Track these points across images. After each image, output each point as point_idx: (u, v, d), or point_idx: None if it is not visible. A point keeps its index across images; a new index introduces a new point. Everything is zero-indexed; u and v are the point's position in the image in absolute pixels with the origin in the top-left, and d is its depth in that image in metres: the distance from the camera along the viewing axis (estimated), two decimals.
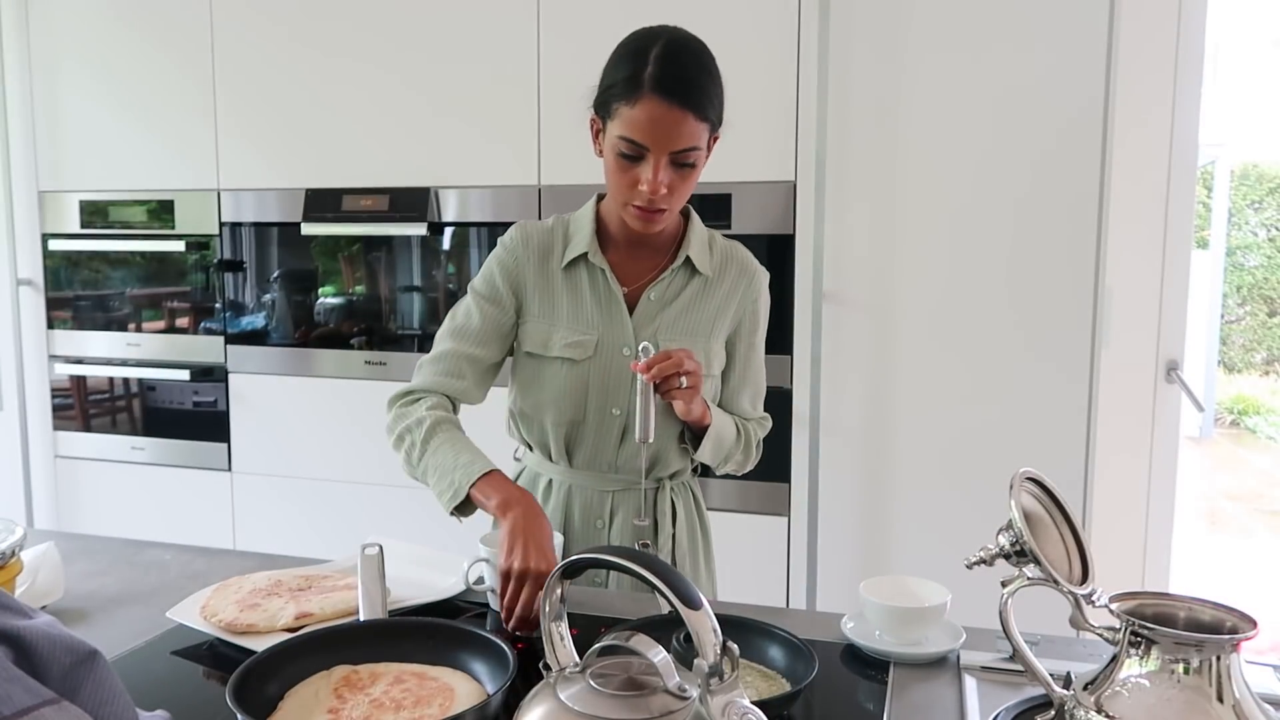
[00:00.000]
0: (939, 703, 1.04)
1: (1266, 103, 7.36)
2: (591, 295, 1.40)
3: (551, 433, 1.42)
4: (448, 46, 2.57)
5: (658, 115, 1.23)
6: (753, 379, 1.51)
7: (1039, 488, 0.99)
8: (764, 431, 1.54)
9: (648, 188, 1.27)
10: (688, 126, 1.24)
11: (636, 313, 1.40)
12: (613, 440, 1.41)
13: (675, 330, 1.40)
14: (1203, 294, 6.94)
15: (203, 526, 2.91)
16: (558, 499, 1.46)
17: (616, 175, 1.30)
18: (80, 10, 2.89)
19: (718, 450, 1.44)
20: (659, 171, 1.25)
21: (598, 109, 1.32)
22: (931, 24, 2.25)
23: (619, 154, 1.28)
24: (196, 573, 1.43)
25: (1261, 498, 5.98)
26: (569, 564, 0.78)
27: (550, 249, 1.42)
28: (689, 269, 1.42)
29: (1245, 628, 0.83)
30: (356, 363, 2.75)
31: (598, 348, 1.39)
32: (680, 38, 1.28)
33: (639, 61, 1.24)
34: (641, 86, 1.23)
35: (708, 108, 1.26)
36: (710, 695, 0.69)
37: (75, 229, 2.97)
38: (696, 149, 1.27)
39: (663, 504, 1.45)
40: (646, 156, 1.26)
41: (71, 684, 0.66)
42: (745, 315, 1.46)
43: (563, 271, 1.41)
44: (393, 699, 0.98)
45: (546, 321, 1.41)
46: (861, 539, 2.40)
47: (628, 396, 1.38)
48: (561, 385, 1.39)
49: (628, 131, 1.25)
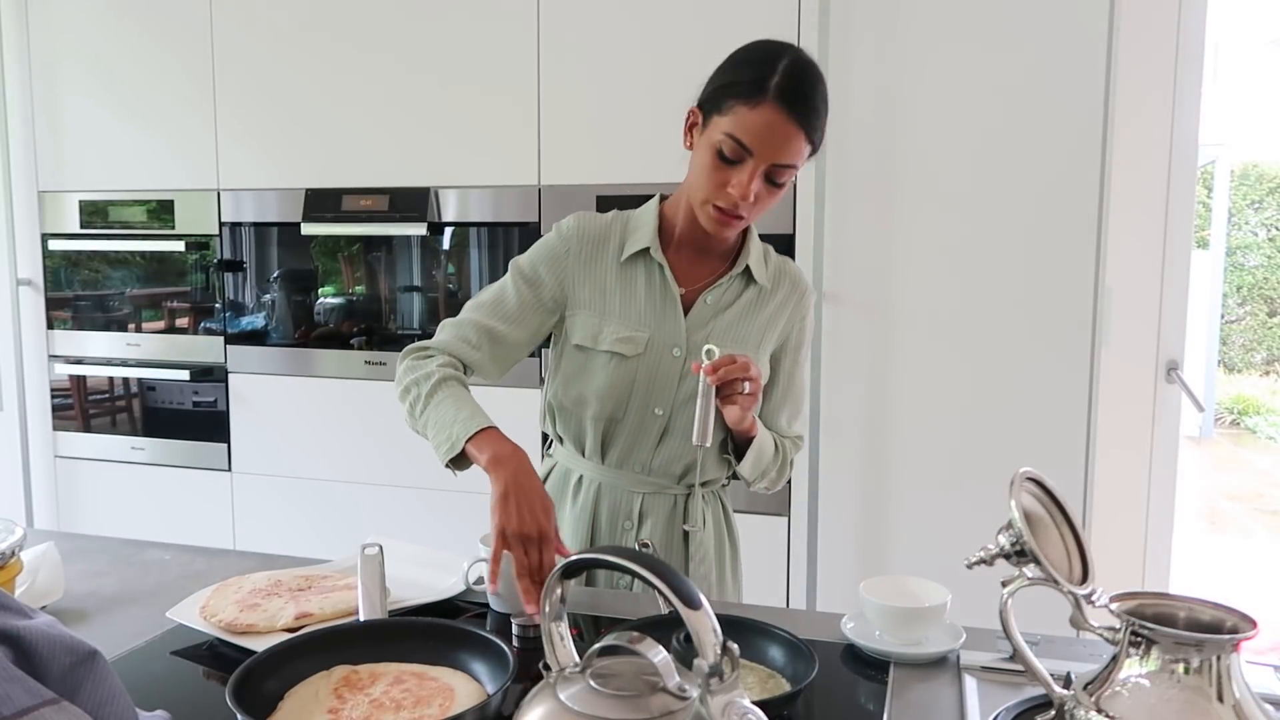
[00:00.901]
0: (939, 703, 1.04)
1: (1266, 103, 7.36)
2: (646, 292, 1.39)
3: (590, 427, 1.41)
4: (448, 46, 2.57)
5: (775, 123, 1.23)
6: (794, 397, 1.51)
7: (1039, 488, 0.99)
8: (797, 451, 1.53)
9: (738, 191, 1.26)
10: (796, 143, 1.25)
11: (691, 315, 1.39)
12: (650, 441, 1.40)
13: (726, 338, 1.39)
14: (1203, 294, 6.94)
15: (202, 526, 2.91)
16: (587, 497, 1.44)
17: (709, 172, 1.29)
18: (80, 10, 2.89)
19: (758, 464, 1.43)
20: (754, 179, 1.25)
21: (705, 103, 1.30)
22: (931, 24, 2.25)
23: (718, 152, 1.26)
24: (196, 573, 1.42)
25: (1261, 498, 5.98)
26: (569, 564, 0.78)
27: (605, 241, 1.41)
28: (746, 278, 1.42)
29: (1245, 628, 0.83)
30: (356, 363, 2.75)
31: (648, 345, 1.37)
32: (807, 58, 1.29)
33: (766, 69, 1.25)
34: (766, 92, 1.23)
35: (817, 131, 1.27)
36: (710, 695, 0.69)
37: (75, 229, 2.97)
38: (793, 167, 1.27)
39: (694, 511, 1.43)
40: (746, 161, 1.25)
41: (71, 684, 0.66)
42: (793, 331, 1.46)
43: (619, 265, 1.40)
44: (393, 699, 0.98)
45: (597, 314, 1.39)
46: (861, 539, 2.40)
47: (672, 397, 1.37)
48: (607, 380, 1.37)
49: (738, 132, 1.24)
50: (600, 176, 2.43)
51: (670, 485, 1.42)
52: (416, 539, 1.47)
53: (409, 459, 2.67)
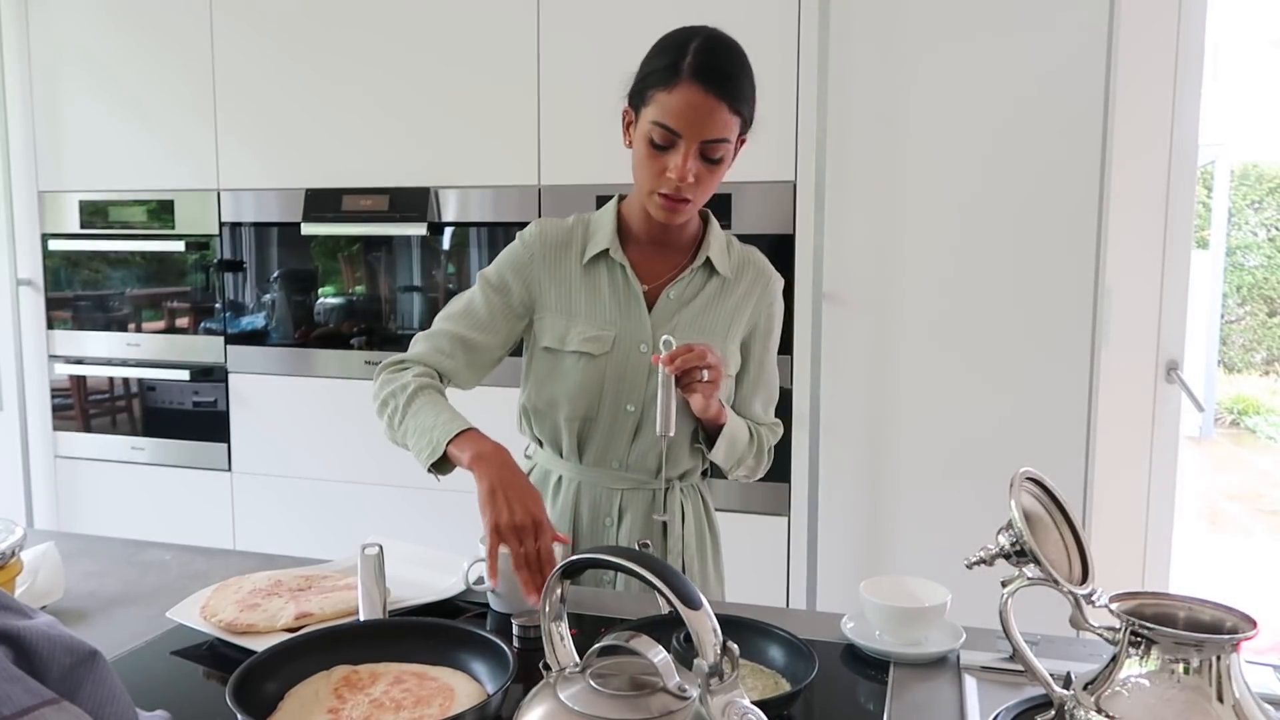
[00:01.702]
0: (939, 703, 1.04)
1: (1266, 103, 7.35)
2: (610, 292, 1.42)
3: (564, 428, 1.42)
4: (448, 46, 2.57)
5: (694, 102, 1.26)
6: (766, 384, 1.52)
7: (1039, 488, 0.99)
8: (775, 438, 1.54)
9: (676, 174, 1.28)
10: (721, 116, 1.27)
11: (655, 311, 1.41)
12: (625, 437, 1.42)
13: (692, 330, 1.41)
14: (1203, 294, 6.94)
15: (203, 526, 2.90)
16: (567, 496, 1.46)
17: (646, 163, 1.32)
18: (80, 10, 2.89)
19: (731, 451, 1.44)
20: (688, 159, 1.28)
21: (632, 99, 1.34)
22: (931, 24, 2.25)
23: (650, 141, 1.30)
24: (196, 573, 1.43)
25: (1261, 498, 5.98)
26: (569, 564, 0.78)
27: (568, 245, 1.44)
28: (708, 270, 1.43)
29: (1245, 628, 0.83)
30: (356, 363, 2.75)
31: (615, 343, 1.40)
32: (719, 34, 1.32)
33: (679, 52, 1.28)
34: (680, 74, 1.26)
35: (740, 101, 1.29)
36: (710, 695, 0.69)
37: (75, 229, 2.97)
38: (726, 141, 1.29)
39: (672, 505, 1.45)
40: (678, 144, 1.28)
41: (71, 684, 0.66)
42: (760, 319, 1.47)
43: (583, 268, 1.42)
44: (393, 699, 0.98)
45: (564, 316, 1.42)
46: (861, 539, 2.40)
47: (642, 393, 1.39)
48: (577, 380, 1.40)
49: (662, 117, 1.27)
50: (600, 176, 2.43)
51: (648, 480, 1.44)
52: (416, 539, 1.47)
53: (409, 459, 2.66)
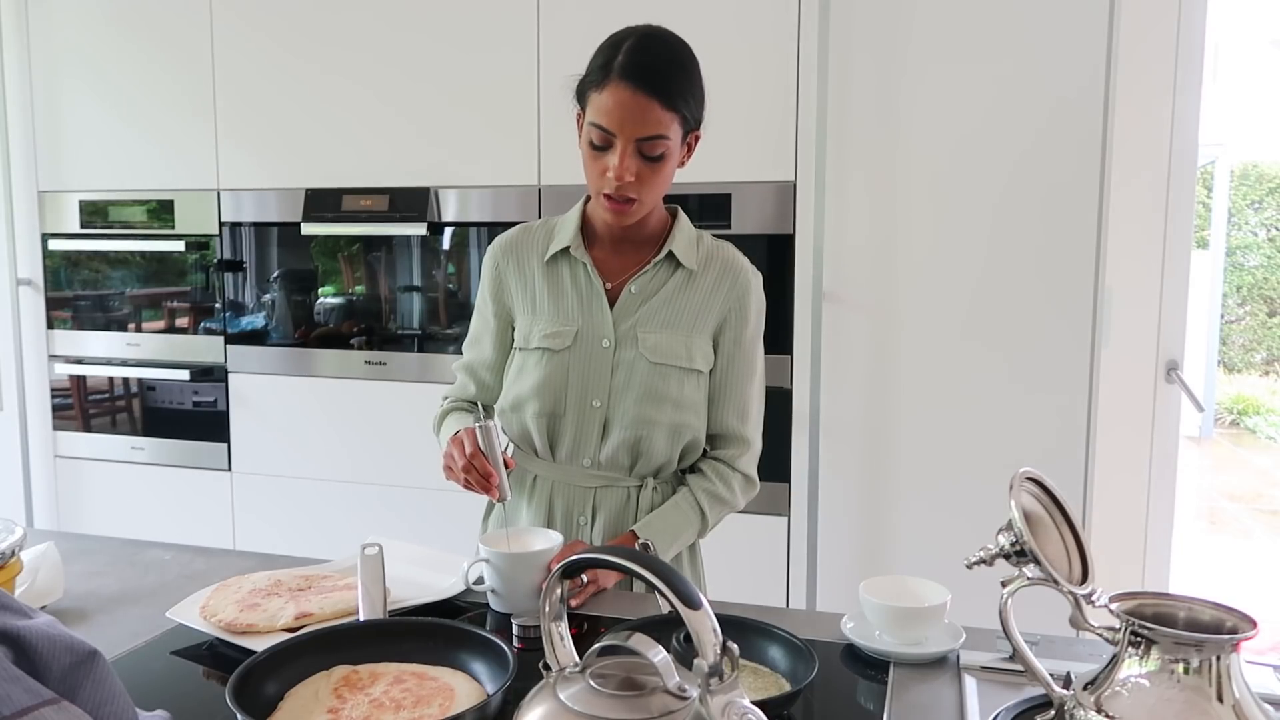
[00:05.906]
0: (939, 703, 1.04)
1: (1266, 103, 7.35)
2: (573, 288, 1.43)
3: (533, 425, 1.43)
4: (448, 46, 2.57)
5: (624, 100, 1.26)
6: (736, 387, 1.44)
7: (1039, 488, 0.99)
8: (744, 497, 1.48)
9: (614, 174, 1.29)
10: (653, 114, 1.27)
11: (617, 305, 1.42)
12: (594, 433, 1.42)
13: (655, 322, 1.41)
14: (1203, 294, 6.94)
15: (202, 526, 2.90)
16: (541, 496, 1.47)
17: (589, 164, 1.34)
18: (79, 11, 2.89)
19: (674, 547, 1.43)
20: (625, 159, 1.28)
21: (577, 100, 1.36)
22: (931, 24, 2.25)
23: (590, 143, 1.32)
24: (196, 573, 1.43)
25: (1261, 498, 5.98)
26: (569, 564, 0.78)
27: (529, 249, 1.47)
28: (672, 263, 1.43)
29: (1245, 628, 0.83)
30: (356, 363, 2.75)
31: (577, 338, 1.41)
32: (656, 32, 1.32)
33: (613, 51, 1.28)
34: (611, 73, 1.27)
35: (675, 98, 1.28)
36: (710, 695, 0.69)
37: (75, 229, 2.97)
38: (663, 138, 1.29)
39: (645, 503, 1.44)
40: (614, 144, 1.29)
41: (71, 684, 0.66)
42: (731, 312, 1.44)
43: (545, 266, 1.45)
44: (393, 699, 0.98)
45: (529, 315, 1.45)
46: (861, 539, 2.40)
47: (607, 388, 1.41)
48: (541, 376, 1.41)
49: (596, 117, 1.29)
50: None
51: (621, 478, 1.44)
52: (416, 539, 1.47)
53: (409, 459, 2.67)
